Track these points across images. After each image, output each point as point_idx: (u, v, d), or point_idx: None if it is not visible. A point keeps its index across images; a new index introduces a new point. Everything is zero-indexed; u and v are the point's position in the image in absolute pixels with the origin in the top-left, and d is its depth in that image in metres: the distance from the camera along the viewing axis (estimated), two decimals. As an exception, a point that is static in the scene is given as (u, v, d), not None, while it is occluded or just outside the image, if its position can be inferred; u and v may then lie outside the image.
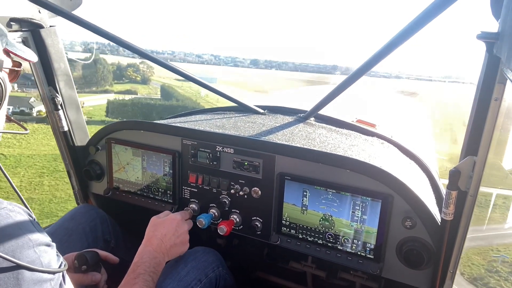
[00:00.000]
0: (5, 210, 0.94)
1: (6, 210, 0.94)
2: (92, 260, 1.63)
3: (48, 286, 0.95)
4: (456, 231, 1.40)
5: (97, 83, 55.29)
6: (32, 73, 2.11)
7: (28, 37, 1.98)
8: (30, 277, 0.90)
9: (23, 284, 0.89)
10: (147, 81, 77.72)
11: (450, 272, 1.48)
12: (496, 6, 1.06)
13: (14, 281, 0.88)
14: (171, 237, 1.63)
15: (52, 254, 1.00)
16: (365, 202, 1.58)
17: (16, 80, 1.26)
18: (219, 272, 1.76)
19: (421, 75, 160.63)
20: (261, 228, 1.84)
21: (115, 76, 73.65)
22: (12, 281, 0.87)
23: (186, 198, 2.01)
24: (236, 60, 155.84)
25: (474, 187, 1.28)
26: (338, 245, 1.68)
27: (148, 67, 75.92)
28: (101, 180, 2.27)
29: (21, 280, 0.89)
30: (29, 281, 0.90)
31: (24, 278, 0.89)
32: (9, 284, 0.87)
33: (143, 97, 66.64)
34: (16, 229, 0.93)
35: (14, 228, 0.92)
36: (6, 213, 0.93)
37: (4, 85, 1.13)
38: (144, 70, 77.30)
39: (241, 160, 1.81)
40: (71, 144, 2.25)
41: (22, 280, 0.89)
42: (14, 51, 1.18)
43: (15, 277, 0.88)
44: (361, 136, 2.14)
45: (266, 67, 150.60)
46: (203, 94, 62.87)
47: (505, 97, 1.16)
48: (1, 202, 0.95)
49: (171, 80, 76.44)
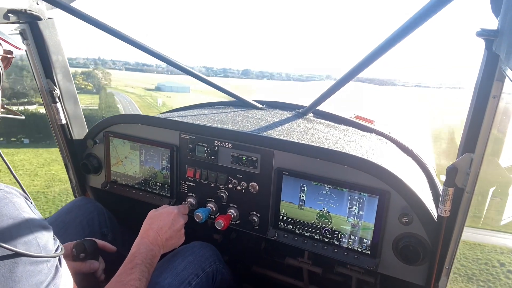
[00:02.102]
0: (1, 191, 0.94)
1: (3, 192, 0.95)
2: (90, 248, 1.65)
3: (45, 267, 0.96)
4: (452, 228, 1.41)
5: (24, 93, 45.16)
6: (30, 65, 2.10)
7: (26, 29, 1.96)
8: (27, 258, 0.92)
9: (20, 264, 0.90)
10: (101, 90, 69.03)
11: (446, 268, 1.49)
12: (496, 3, 1.06)
13: (11, 261, 0.89)
14: (167, 230, 1.64)
15: (49, 237, 1.01)
16: (362, 198, 1.58)
17: (9, 67, 1.27)
18: (216, 267, 1.77)
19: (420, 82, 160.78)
20: (258, 223, 1.85)
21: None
22: (9, 261, 0.89)
23: (184, 192, 2.01)
24: (227, 71, 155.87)
25: (471, 184, 1.29)
26: (335, 240, 1.69)
27: (104, 74, 70.96)
28: (98, 174, 2.27)
29: (18, 260, 0.90)
30: (25, 261, 0.91)
31: (21, 259, 0.91)
32: (6, 263, 0.88)
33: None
34: (13, 209, 0.94)
35: (11, 209, 0.93)
36: (3, 195, 0.94)
37: (1, 72, 1.15)
38: (100, 78, 71.73)
39: (239, 154, 1.81)
40: (68, 137, 2.25)
41: (19, 260, 0.90)
42: (4, 38, 1.19)
43: (12, 259, 0.90)
44: (359, 132, 2.15)
45: (257, 77, 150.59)
46: (160, 103, 61.53)
47: (503, 94, 1.17)
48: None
49: (138, 89, 74.15)
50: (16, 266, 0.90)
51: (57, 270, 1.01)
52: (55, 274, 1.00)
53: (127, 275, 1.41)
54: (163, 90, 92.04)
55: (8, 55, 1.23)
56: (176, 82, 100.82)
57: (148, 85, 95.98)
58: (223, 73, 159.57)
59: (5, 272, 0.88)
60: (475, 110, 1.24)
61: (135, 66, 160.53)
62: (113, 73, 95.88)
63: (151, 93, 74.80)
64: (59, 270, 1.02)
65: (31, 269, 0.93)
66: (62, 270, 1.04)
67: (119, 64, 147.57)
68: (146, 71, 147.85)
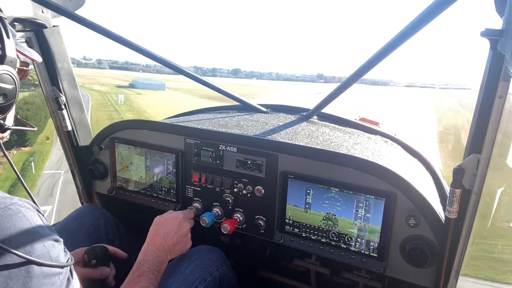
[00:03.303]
0: (15, 205, 0.96)
1: (17, 206, 0.96)
2: (101, 254, 1.66)
3: (57, 279, 0.98)
4: (460, 229, 1.39)
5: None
6: (36, 73, 2.12)
7: (32, 37, 1.98)
8: (40, 271, 0.93)
9: (34, 277, 0.92)
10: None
11: (454, 271, 1.47)
12: (500, 3, 1.06)
13: (25, 274, 0.91)
14: (174, 236, 1.64)
15: (60, 249, 1.03)
16: (368, 200, 1.57)
17: (24, 79, 1.30)
18: (223, 271, 1.77)
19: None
20: (264, 226, 1.84)
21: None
22: (23, 274, 0.90)
23: (190, 197, 2.01)
24: (216, 71, 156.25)
25: (478, 185, 1.28)
26: (342, 243, 1.68)
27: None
28: (104, 179, 2.28)
29: (32, 273, 0.92)
30: (39, 274, 0.93)
31: (34, 271, 0.92)
32: (20, 277, 0.90)
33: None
34: (27, 223, 0.95)
35: (25, 223, 0.95)
36: (17, 208, 0.96)
37: (17, 83, 1.18)
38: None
39: (244, 159, 1.81)
40: (74, 143, 2.26)
41: (32, 273, 0.92)
42: (22, 51, 1.23)
43: (26, 271, 0.91)
44: (364, 134, 2.14)
45: (246, 77, 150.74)
46: (121, 100, 59.29)
47: (510, 95, 1.16)
48: (12, 198, 0.98)
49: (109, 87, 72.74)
50: (30, 280, 0.91)
51: (69, 282, 1.03)
52: (67, 286, 1.01)
53: (134, 283, 1.41)
54: (136, 87, 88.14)
55: (24, 67, 1.27)
56: (152, 79, 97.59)
57: (123, 82, 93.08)
58: (212, 72, 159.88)
59: (19, 286, 0.89)
60: (481, 110, 1.23)
61: (122, 65, 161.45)
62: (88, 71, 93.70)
63: (123, 91, 73.60)
64: (71, 282, 1.04)
65: (45, 282, 0.94)
66: (74, 282, 1.06)
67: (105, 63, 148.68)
68: (131, 69, 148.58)
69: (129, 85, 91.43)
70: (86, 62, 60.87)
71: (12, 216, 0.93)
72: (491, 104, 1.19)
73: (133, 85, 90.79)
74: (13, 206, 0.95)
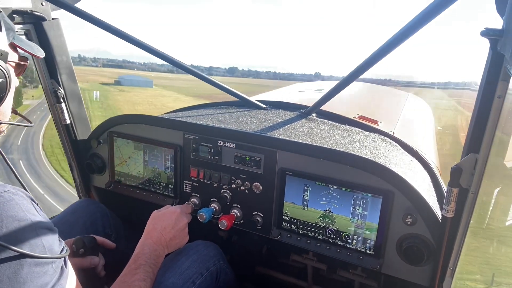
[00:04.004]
0: (8, 193, 0.96)
1: (10, 193, 0.96)
2: (89, 244, 1.66)
3: (50, 268, 0.97)
4: (456, 228, 1.40)
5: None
6: (34, 65, 2.11)
7: (31, 30, 1.97)
8: (32, 260, 0.93)
9: (25, 265, 0.91)
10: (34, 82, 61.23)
11: (450, 269, 1.48)
12: (500, 2, 1.06)
13: (17, 262, 0.90)
14: (171, 230, 1.64)
15: (54, 238, 1.02)
16: (366, 198, 1.58)
17: (23, 74, 1.28)
18: (220, 266, 1.77)
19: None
20: (261, 223, 1.85)
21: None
22: (15, 262, 0.90)
23: (187, 192, 2.01)
24: (212, 69, 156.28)
25: (476, 185, 1.28)
26: (339, 240, 1.68)
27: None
28: (102, 174, 2.28)
29: (23, 261, 0.91)
30: (30, 262, 0.92)
31: (26, 260, 0.91)
32: (12, 265, 0.89)
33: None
34: (19, 211, 0.95)
35: (17, 211, 0.94)
36: (10, 196, 0.95)
37: (9, 77, 1.15)
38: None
39: (243, 155, 1.81)
40: (73, 137, 2.26)
41: (24, 261, 0.91)
42: (21, 46, 1.20)
43: (17, 258, 0.90)
44: (363, 132, 2.14)
45: (242, 76, 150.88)
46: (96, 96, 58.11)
47: (508, 95, 1.16)
48: (4, 185, 0.97)
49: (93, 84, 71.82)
50: (21, 268, 0.90)
51: (62, 271, 1.02)
52: (60, 275, 1.00)
53: (131, 276, 1.41)
54: (122, 84, 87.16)
55: (23, 62, 1.24)
56: (139, 76, 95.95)
57: (109, 80, 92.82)
58: (208, 71, 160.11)
59: (10, 273, 0.89)
60: (480, 110, 1.24)
61: (118, 63, 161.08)
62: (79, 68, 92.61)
63: (106, 88, 72.76)
64: (64, 271, 1.03)
65: (36, 270, 0.93)
66: (68, 271, 1.04)
67: (100, 61, 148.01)
68: (126, 67, 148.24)
69: (115, 82, 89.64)
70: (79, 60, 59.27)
71: (4, 203, 0.92)
72: (490, 103, 1.19)
73: (119, 82, 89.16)
74: (5, 193, 0.95)
